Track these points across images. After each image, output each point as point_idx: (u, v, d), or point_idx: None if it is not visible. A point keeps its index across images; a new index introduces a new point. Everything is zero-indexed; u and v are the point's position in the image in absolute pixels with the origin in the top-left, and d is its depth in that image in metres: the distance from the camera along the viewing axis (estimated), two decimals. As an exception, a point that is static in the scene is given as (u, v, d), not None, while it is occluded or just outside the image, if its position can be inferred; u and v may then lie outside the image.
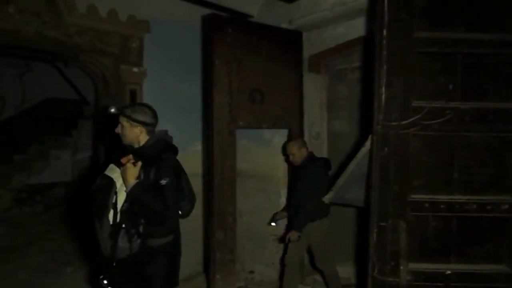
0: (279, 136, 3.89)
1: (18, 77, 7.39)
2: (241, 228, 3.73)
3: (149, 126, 2.27)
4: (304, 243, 3.35)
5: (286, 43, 3.72)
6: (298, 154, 3.36)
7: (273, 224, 3.52)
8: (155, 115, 2.34)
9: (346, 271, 3.87)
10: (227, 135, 3.29)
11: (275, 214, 3.54)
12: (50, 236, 5.54)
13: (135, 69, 3.72)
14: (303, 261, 3.80)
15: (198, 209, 4.21)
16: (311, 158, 3.40)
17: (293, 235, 3.18)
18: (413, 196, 2.12)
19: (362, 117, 3.72)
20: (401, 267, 2.09)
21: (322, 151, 4.05)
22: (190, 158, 4.15)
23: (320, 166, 3.34)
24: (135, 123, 2.22)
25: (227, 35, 3.30)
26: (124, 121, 2.23)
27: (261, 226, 3.97)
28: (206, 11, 3.73)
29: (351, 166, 2.54)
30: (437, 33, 2.15)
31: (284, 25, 3.84)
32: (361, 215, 3.64)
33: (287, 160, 3.69)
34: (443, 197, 2.10)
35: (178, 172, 2.27)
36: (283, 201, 3.87)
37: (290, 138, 3.63)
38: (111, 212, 2.11)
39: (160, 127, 3.87)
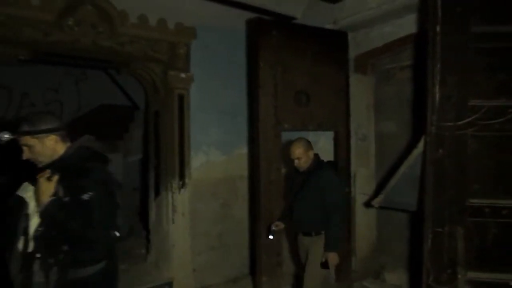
0: (325, 138, 3.84)
1: (75, 85, 7.89)
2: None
3: (61, 131, 1.90)
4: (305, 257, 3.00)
5: (331, 44, 3.67)
6: (305, 157, 2.90)
7: (270, 237, 3.11)
8: (57, 118, 1.97)
9: (397, 278, 3.73)
10: (272, 137, 3.30)
11: (271, 225, 3.10)
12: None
13: (183, 75, 3.84)
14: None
15: (244, 212, 4.30)
16: (319, 162, 2.99)
17: (333, 258, 2.75)
18: (471, 200, 2.01)
19: (413, 117, 3.58)
20: (459, 276, 1.98)
21: (369, 153, 3.95)
22: (236, 161, 4.23)
23: (334, 171, 3.02)
24: (43, 135, 1.84)
25: (271, 38, 3.32)
26: (28, 141, 1.83)
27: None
28: (250, 15, 3.78)
29: (402, 168, 2.45)
30: (495, 27, 2.03)
31: (329, 26, 3.79)
32: (413, 220, 3.49)
33: (290, 165, 3.15)
34: (505, 202, 1.98)
35: (108, 185, 1.88)
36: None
37: (291, 140, 3.09)
38: (22, 240, 1.75)
39: (206, 130, 4.02)
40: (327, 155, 3.81)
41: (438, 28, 2.03)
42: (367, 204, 3.57)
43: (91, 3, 3.29)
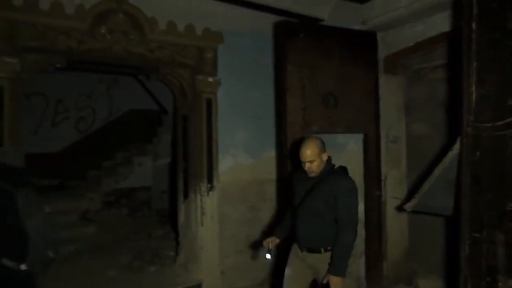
0: (354, 141, 3.77)
1: (106, 91, 8.15)
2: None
3: None
4: (308, 277, 2.54)
5: (359, 44, 3.61)
6: (318, 160, 2.40)
7: (268, 257, 2.63)
8: None
9: (431, 284, 3.61)
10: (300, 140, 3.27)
11: (265, 242, 2.65)
12: (134, 237, 5.97)
13: (210, 79, 3.88)
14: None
15: (272, 215, 4.28)
16: (332, 167, 2.50)
17: (337, 284, 2.28)
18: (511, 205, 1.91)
19: (447, 118, 3.46)
20: (500, 284, 1.89)
21: (400, 156, 3.85)
22: (264, 164, 4.22)
23: (351, 179, 2.46)
24: None
25: (298, 40, 3.30)
26: None
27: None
28: (276, 18, 3.79)
29: (437, 171, 2.37)
30: (537, 23, 1.93)
31: (357, 27, 3.73)
32: (448, 224, 3.37)
33: (296, 165, 2.63)
34: (550, 207, 1.87)
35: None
36: (360, 209, 3.71)
37: (302, 138, 2.64)
38: None
39: (233, 134, 4.04)
40: (357, 157, 3.75)
41: (473, 25, 1.96)
42: (399, 208, 3.48)
43: (122, 11, 3.40)
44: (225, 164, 4.00)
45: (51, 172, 7.20)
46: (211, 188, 3.88)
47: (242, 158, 4.11)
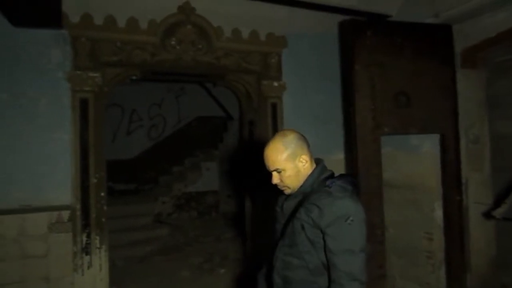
0: (430, 142, 3.52)
1: (175, 99, 8.57)
2: (387, 242, 3.49)
3: None
4: None
5: (432, 39, 3.38)
6: (291, 170, 1.59)
7: None
8: None
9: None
10: (371, 142, 3.14)
11: None
12: (204, 239, 6.18)
13: (275, 84, 3.89)
14: None
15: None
16: (322, 179, 1.63)
17: None
18: None
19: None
20: None
21: (483, 157, 3.52)
22: (332, 167, 4.10)
23: (352, 197, 1.53)
24: None
25: (366, 38, 3.18)
26: None
27: (411, 240, 3.65)
28: (340, 18, 3.69)
29: (532, 174, 2.12)
30: None
31: (429, 20, 3.50)
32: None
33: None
34: None
35: None
36: (438, 214, 3.47)
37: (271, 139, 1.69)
38: None
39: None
40: (433, 160, 3.50)
41: None
42: (487, 215, 3.17)
43: (190, 22, 3.55)
44: (291, 168, 3.96)
45: (127, 177, 7.74)
46: (278, 192, 3.87)
47: (309, 162, 4.04)
